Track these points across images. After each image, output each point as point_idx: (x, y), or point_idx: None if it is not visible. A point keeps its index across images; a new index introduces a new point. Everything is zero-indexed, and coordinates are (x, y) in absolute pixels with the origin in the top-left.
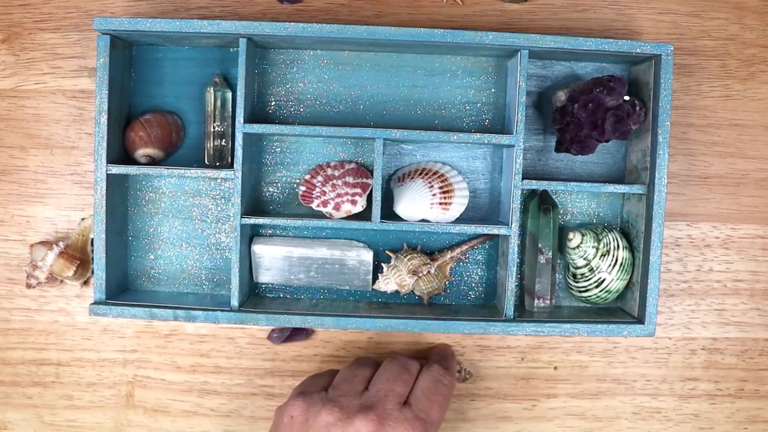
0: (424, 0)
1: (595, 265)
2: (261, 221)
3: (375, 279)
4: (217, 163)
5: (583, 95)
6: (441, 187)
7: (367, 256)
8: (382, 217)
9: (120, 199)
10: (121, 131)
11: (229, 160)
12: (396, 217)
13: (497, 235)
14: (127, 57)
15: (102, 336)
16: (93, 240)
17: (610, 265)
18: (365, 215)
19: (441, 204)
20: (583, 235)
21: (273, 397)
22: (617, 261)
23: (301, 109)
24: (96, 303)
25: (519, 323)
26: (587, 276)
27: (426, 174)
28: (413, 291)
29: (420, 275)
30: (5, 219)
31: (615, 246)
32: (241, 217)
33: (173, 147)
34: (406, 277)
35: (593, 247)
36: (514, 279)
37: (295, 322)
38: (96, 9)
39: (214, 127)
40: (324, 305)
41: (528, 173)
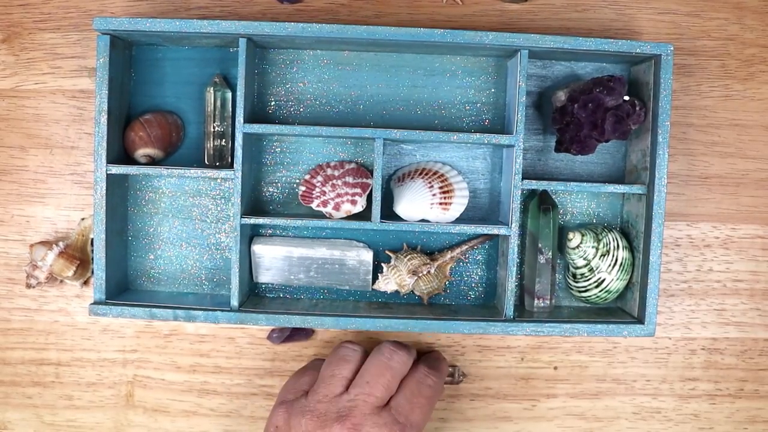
0: (424, 0)
1: (595, 265)
2: (261, 221)
3: (375, 279)
4: (217, 163)
5: (583, 95)
6: (441, 187)
7: (367, 256)
8: (382, 217)
9: (120, 199)
10: (121, 131)
11: (229, 160)
12: (396, 217)
13: (497, 235)
14: (127, 57)
15: (102, 336)
16: (93, 240)
17: (609, 265)
18: (365, 215)
19: (441, 204)
20: (583, 235)
21: (273, 397)
22: (617, 261)
23: (301, 109)
24: (96, 303)
25: (519, 323)
26: (587, 276)
27: (426, 174)
28: (413, 291)
29: (420, 275)
30: (5, 219)
31: (615, 246)
32: (241, 217)
33: (173, 147)
34: (406, 277)
35: (593, 247)
36: (514, 279)
37: (295, 322)
38: (96, 9)
39: (214, 127)
40: (324, 305)
41: (528, 173)
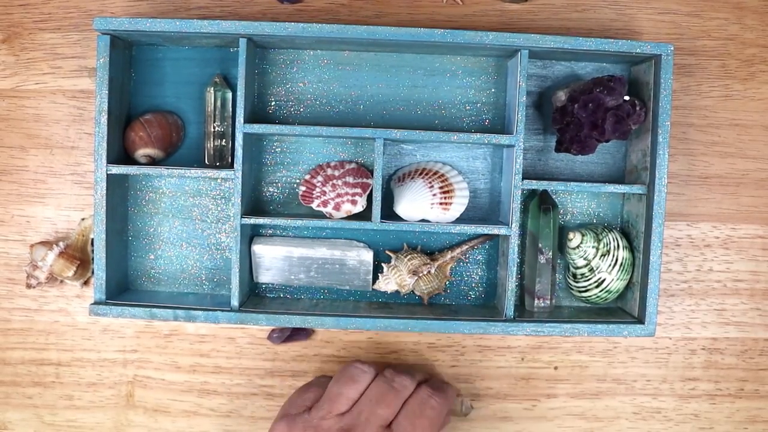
0: (424, 0)
1: (595, 265)
2: (261, 221)
3: (375, 279)
4: (217, 163)
5: (583, 95)
6: (441, 187)
7: (367, 256)
8: (382, 217)
9: (120, 199)
10: (121, 131)
11: (229, 160)
12: (396, 217)
13: (497, 235)
14: (127, 57)
15: (102, 336)
16: (93, 240)
17: (610, 265)
18: (365, 215)
19: (441, 204)
20: (583, 235)
21: (273, 397)
22: (617, 261)
23: (301, 109)
24: (96, 303)
25: (519, 323)
26: (587, 276)
27: (426, 174)
28: (413, 291)
29: (420, 275)
30: (5, 219)
31: (615, 246)
32: (241, 217)
33: (173, 147)
34: (406, 277)
35: (593, 247)
36: (514, 279)
37: (295, 322)
38: (96, 9)
39: (214, 127)
40: (324, 305)
41: (528, 173)
